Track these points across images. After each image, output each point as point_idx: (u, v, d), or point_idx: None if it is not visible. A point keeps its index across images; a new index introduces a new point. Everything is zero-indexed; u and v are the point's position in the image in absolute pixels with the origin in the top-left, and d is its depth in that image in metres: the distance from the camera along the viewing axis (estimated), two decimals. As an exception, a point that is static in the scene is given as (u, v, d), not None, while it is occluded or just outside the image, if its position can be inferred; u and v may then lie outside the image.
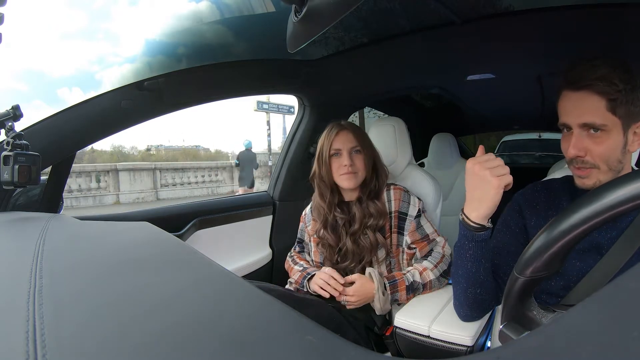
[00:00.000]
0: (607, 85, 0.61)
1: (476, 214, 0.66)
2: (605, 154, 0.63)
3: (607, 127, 0.62)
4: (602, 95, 0.62)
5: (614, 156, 0.64)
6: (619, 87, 0.61)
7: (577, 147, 0.64)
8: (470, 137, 3.87)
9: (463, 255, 0.71)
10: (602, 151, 0.63)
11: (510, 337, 0.49)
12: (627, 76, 0.62)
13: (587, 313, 0.17)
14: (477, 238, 0.68)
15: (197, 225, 1.28)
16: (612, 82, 0.61)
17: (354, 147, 1.05)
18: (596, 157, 0.64)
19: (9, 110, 0.78)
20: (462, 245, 0.71)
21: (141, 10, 1.57)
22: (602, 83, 0.61)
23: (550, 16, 1.05)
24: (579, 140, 0.64)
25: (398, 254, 1.06)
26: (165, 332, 0.22)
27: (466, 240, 0.70)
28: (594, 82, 0.62)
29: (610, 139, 0.63)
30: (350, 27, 1.24)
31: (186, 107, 1.19)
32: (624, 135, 0.63)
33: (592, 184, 0.65)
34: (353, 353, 0.19)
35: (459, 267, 0.74)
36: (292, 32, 0.50)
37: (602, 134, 0.63)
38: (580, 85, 0.64)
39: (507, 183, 0.62)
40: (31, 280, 0.30)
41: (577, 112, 0.64)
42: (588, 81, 0.63)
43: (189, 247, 0.44)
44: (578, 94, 0.64)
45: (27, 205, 0.94)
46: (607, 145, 0.63)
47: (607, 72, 0.62)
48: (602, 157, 0.64)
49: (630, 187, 0.37)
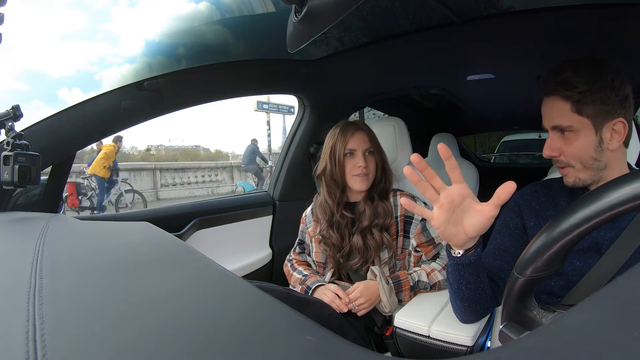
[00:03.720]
0: (568, 90, 0.64)
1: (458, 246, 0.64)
2: (576, 153, 0.66)
3: (573, 127, 0.65)
4: (565, 99, 0.65)
5: (587, 154, 0.66)
6: (580, 89, 0.63)
7: (550, 148, 0.69)
8: (470, 137, 3.87)
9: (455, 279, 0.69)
10: (573, 151, 0.66)
11: (510, 337, 0.49)
12: (596, 76, 0.63)
13: (587, 313, 0.17)
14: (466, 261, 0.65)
15: (197, 225, 1.28)
16: (573, 85, 0.64)
17: (368, 149, 1.05)
18: (568, 157, 0.67)
19: (9, 110, 0.78)
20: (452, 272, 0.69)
21: (141, 11, 1.58)
22: (563, 88, 0.65)
23: (550, 16, 1.04)
24: (553, 141, 0.69)
25: (404, 257, 1.06)
26: (166, 332, 0.22)
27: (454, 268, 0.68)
28: (555, 88, 0.66)
29: (579, 139, 0.66)
30: (350, 27, 1.23)
31: (186, 107, 1.19)
32: (597, 133, 0.65)
33: (572, 181, 0.69)
34: (353, 353, 0.19)
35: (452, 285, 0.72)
36: (292, 32, 0.50)
37: (571, 135, 0.66)
38: (547, 91, 0.68)
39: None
40: (31, 280, 0.30)
41: (547, 116, 0.69)
42: (551, 86, 0.67)
43: (189, 247, 0.44)
44: (548, 100, 0.69)
45: (27, 205, 0.94)
46: (577, 145, 0.66)
47: (569, 75, 0.64)
48: (574, 156, 0.67)
49: (630, 187, 0.37)
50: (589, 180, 0.67)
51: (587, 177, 0.67)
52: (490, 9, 1.09)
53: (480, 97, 2.11)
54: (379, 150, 1.08)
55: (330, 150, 1.05)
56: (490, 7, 1.08)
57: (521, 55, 1.31)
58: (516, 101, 2.19)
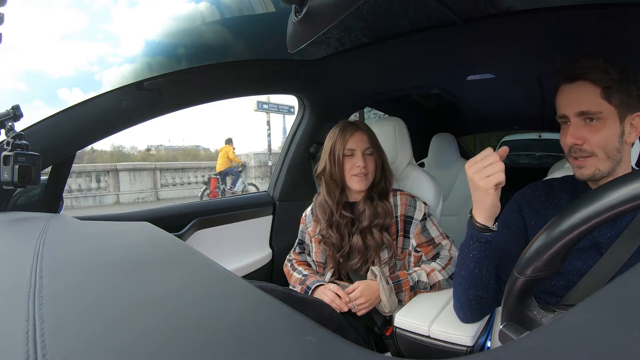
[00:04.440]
0: (601, 73, 0.63)
1: (479, 215, 0.67)
2: (602, 142, 0.65)
3: (602, 114, 0.64)
4: (596, 84, 0.64)
5: (612, 144, 0.65)
6: (612, 75, 0.63)
7: (575, 136, 0.66)
8: (470, 137, 3.87)
9: (467, 255, 0.72)
10: (599, 139, 0.65)
11: (510, 337, 0.49)
12: (624, 68, 0.64)
13: (587, 313, 0.17)
14: (482, 239, 0.68)
15: (197, 225, 1.28)
16: (605, 70, 0.63)
17: (367, 149, 1.05)
18: (594, 145, 0.65)
19: (9, 110, 0.78)
20: (467, 245, 0.72)
21: (141, 11, 1.58)
22: (596, 71, 0.64)
23: (550, 16, 1.05)
24: (577, 129, 0.66)
25: (404, 257, 1.06)
26: (166, 332, 0.22)
27: (471, 240, 0.70)
28: (588, 71, 0.64)
29: (607, 127, 0.64)
30: (350, 27, 1.24)
31: (186, 107, 1.19)
32: (621, 124, 0.65)
33: (590, 173, 0.67)
34: (353, 353, 0.19)
35: (462, 268, 0.74)
36: (292, 32, 0.50)
37: (599, 123, 0.65)
38: (576, 75, 0.66)
39: (496, 183, 0.62)
40: (31, 280, 0.30)
41: (573, 102, 0.66)
42: (583, 70, 0.65)
43: (189, 247, 0.44)
44: (574, 85, 0.66)
45: (27, 205, 0.94)
46: (604, 133, 0.64)
47: (601, 62, 0.64)
48: (600, 145, 0.65)
49: (631, 187, 0.37)
50: (606, 172, 0.67)
51: (607, 168, 0.66)
52: (490, 9, 1.09)
53: (480, 97, 2.11)
54: (378, 151, 1.08)
55: (329, 150, 1.05)
56: (490, 7, 1.08)
57: (521, 55, 1.31)
58: (516, 101, 2.19)
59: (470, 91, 1.94)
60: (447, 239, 1.05)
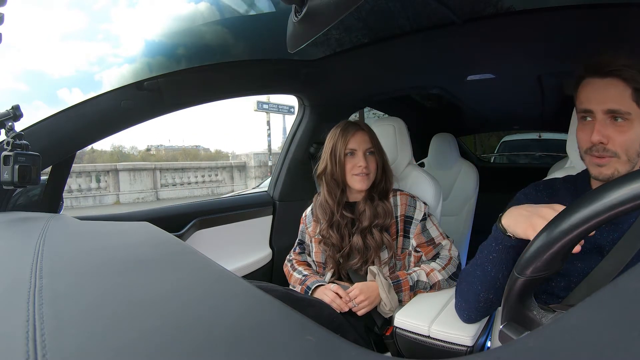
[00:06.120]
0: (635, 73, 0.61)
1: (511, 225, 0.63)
2: (626, 144, 0.63)
3: (630, 116, 0.62)
4: (628, 83, 0.62)
5: (634, 147, 0.63)
6: None
7: (602, 133, 0.63)
8: (470, 137, 3.87)
9: (486, 256, 0.68)
10: (624, 140, 0.63)
11: (510, 337, 0.49)
12: None
13: (587, 313, 0.17)
14: (507, 242, 0.65)
15: (197, 225, 1.28)
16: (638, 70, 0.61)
17: (369, 149, 1.05)
18: (617, 146, 0.63)
19: (9, 110, 0.78)
20: (488, 246, 0.68)
21: (141, 11, 1.58)
22: (630, 70, 0.61)
23: (550, 16, 1.05)
24: (603, 126, 0.64)
25: (404, 257, 1.06)
26: (166, 332, 0.22)
27: (494, 242, 0.67)
28: (621, 68, 0.62)
29: (633, 129, 0.63)
30: (350, 27, 1.24)
31: (186, 107, 1.19)
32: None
33: (610, 173, 0.64)
34: (353, 353, 0.19)
35: (477, 268, 0.71)
36: (292, 32, 0.50)
37: (625, 123, 0.63)
38: (607, 71, 0.63)
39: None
40: (31, 280, 0.30)
41: (601, 98, 0.64)
42: (615, 67, 0.62)
43: (189, 247, 0.44)
44: (604, 81, 0.64)
45: (27, 205, 0.94)
46: (630, 135, 0.63)
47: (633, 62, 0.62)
48: (623, 147, 0.63)
49: (631, 187, 0.37)
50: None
51: (624, 171, 0.64)
52: (490, 9, 1.09)
53: (481, 97, 2.11)
54: (379, 151, 1.08)
55: (331, 149, 1.05)
56: (490, 7, 1.08)
57: (521, 55, 1.31)
58: (516, 101, 2.19)
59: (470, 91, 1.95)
60: (447, 239, 1.05)
